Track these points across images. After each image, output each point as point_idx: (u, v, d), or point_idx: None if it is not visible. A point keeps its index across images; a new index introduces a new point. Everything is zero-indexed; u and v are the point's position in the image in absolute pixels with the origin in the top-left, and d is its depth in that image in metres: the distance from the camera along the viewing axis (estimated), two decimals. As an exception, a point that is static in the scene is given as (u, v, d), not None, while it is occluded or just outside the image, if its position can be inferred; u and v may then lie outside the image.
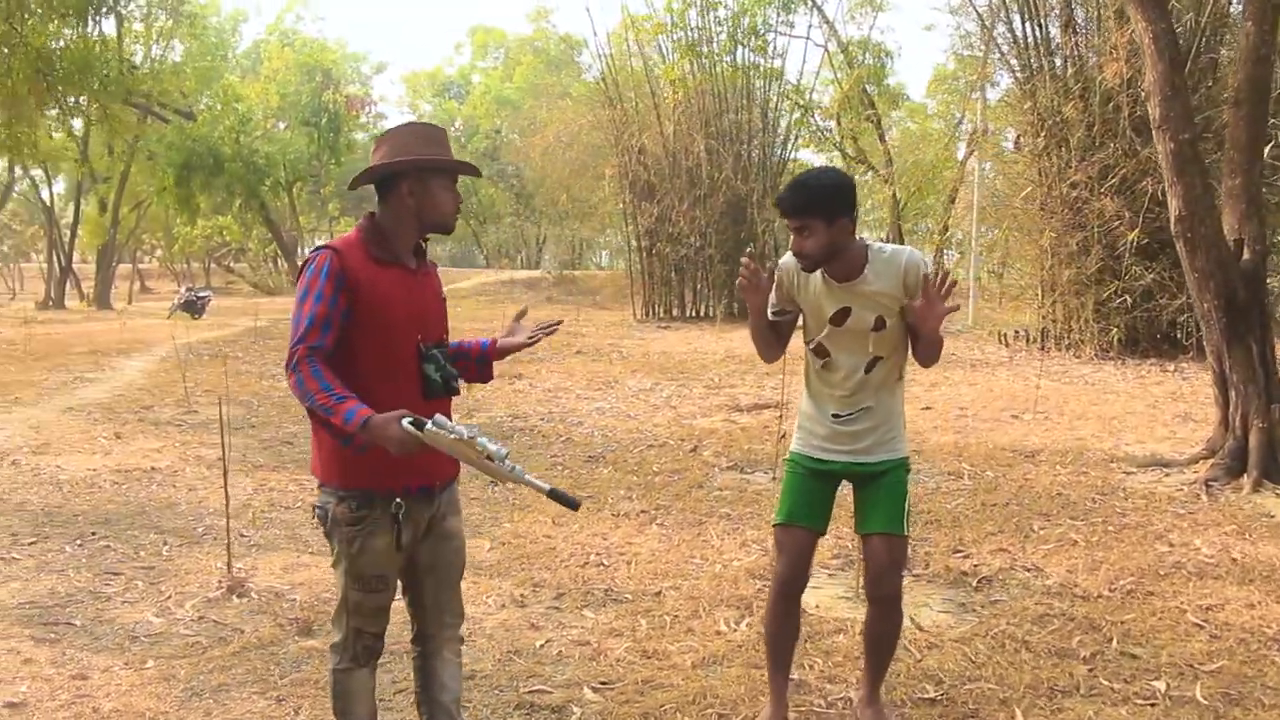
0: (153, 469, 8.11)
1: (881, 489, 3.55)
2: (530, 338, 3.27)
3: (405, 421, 2.71)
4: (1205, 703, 3.84)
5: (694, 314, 28.14)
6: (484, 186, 46.70)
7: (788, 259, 3.52)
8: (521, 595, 5.11)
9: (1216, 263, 7.35)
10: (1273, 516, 6.68)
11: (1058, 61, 16.46)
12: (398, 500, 2.91)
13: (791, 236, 3.37)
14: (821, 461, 3.59)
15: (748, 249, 3.40)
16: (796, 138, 27.64)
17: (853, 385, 3.50)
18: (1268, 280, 9.17)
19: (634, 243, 29.25)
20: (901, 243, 26.65)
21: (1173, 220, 7.49)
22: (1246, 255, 7.50)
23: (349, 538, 2.94)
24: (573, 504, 2.85)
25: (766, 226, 26.91)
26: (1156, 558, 5.68)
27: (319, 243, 36.76)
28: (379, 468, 2.88)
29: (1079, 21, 16.20)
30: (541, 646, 4.44)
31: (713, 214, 26.32)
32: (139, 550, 5.92)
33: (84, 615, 4.87)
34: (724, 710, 3.75)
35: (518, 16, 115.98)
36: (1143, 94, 14.03)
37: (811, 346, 3.59)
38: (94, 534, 6.25)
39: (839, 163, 28.72)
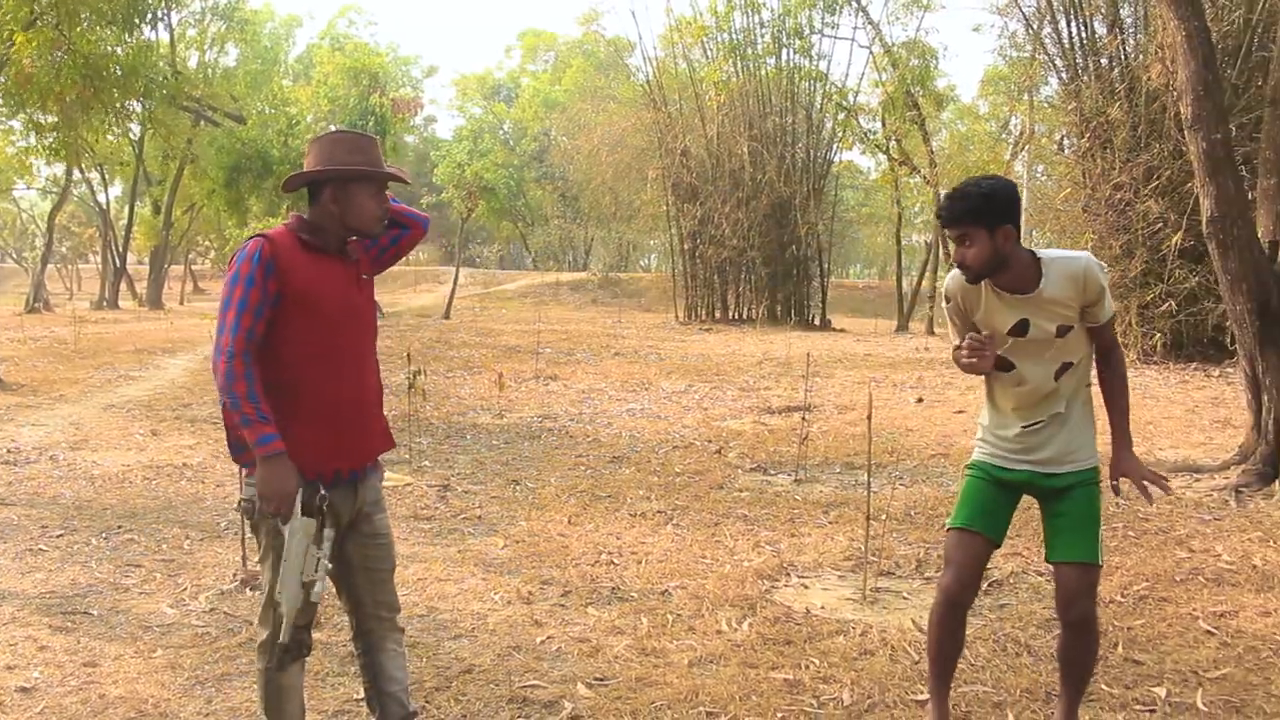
0: (184, 465, 8.27)
1: (1069, 511, 3.38)
2: None
3: (301, 495, 2.88)
4: (1205, 710, 3.77)
5: (736, 317, 28.13)
6: (531, 189, 47.01)
7: (952, 277, 3.44)
8: (529, 592, 5.14)
9: (1250, 265, 7.21)
10: (1301, 524, 6.54)
11: (1103, 61, 16.22)
12: (322, 493, 2.96)
13: (953, 247, 3.33)
14: (1005, 470, 3.45)
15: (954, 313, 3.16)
16: (840, 140, 27.51)
17: (1043, 394, 3.38)
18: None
19: (677, 245, 29.30)
20: (944, 247, 26.42)
21: (1205, 221, 7.35)
22: (1280, 258, 7.34)
23: (272, 530, 2.98)
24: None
25: (810, 229, 26.83)
26: (1174, 564, 5.58)
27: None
28: (312, 455, 2.96)
29: (1125, 21, 15.95)
30: (541, 643, 4.46)
31: (755, 216, 26.30)
32: (161, 544, 6.04)
33: (101, 605, 4.98)
34: (713, 709, 3.75)
35: (568, 20, 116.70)
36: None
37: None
38: (120, 527, 6.38)
39: (884, 165, 28.55)
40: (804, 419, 9.42)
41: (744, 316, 28.03)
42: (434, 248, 57.48)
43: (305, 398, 2.99)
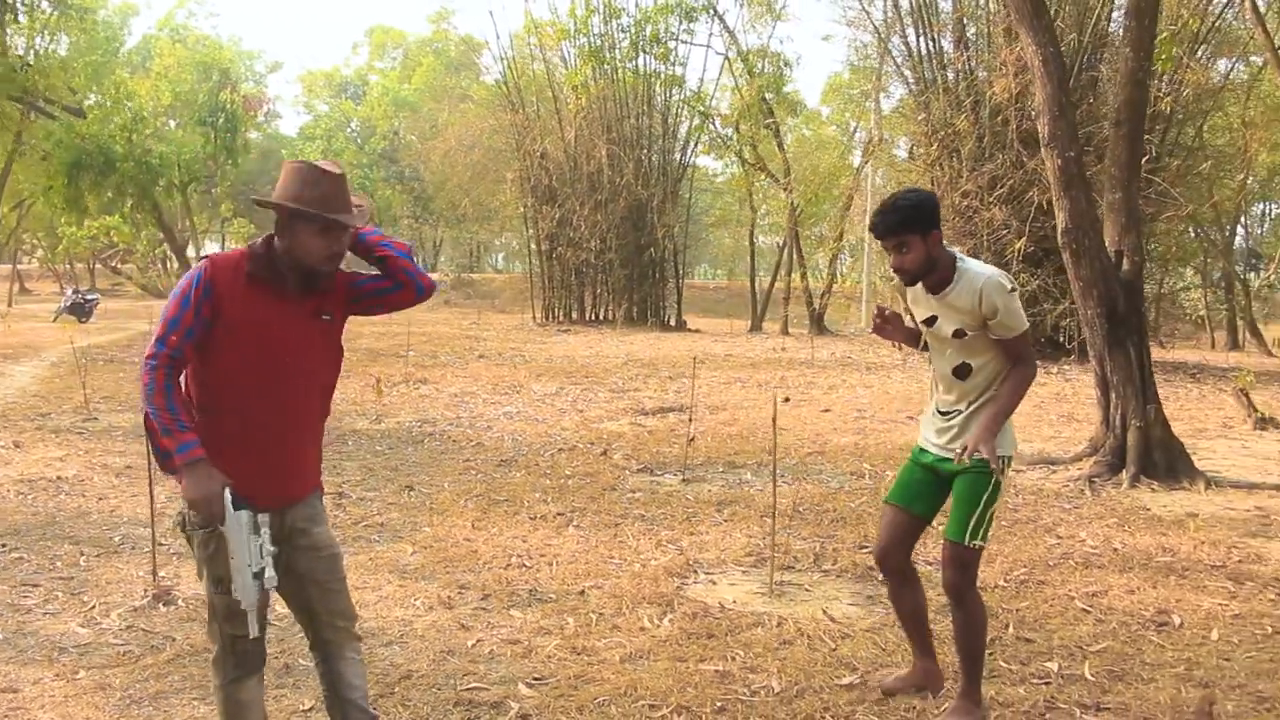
0: (59, 478, 7.95)
1: (955, 493, 3.75)
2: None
3: (228, 493, 2.88)
4: (1093, 680, 4.17)
5: (593, 318, 28.36)
6: (380, 189, 46.20)
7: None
8: (449, 597, 5.22)
9: (1099, 273, 7.83)
10: (1148, 510, 7.17)
11: (950, 75, 17.12)
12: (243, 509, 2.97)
13: (890, 256, 3.67)
14: (923, 451, 3.87)
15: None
16: (696, 144, 28.10)
17: (946, 386, 3.78)
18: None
19: (534, 246, 29.34)
20: (797, 249, 27.32)
21: (1059, 232, 7.95)
22: (1126, 266, 8.01)
23: (203, 540, 3.00)
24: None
25: (666, 231, 27.29)
26: (1046, 549, 6.07)
27: (210, 244, 35.71)
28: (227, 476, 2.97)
29: (970, 37, 16.88)
30: (473, 645, 4.56)
31: (613, 218, 26.58)
32: (55, 561, 5.84)
33: (4, 628, 4.81)
34: (654, 701, 3.94)
35: (417, 17, 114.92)
36: (1030, 110, 14.75)
37: (921, 345, 3.94)
38: (3, 545, 6.13)
39: (737, 169, 29.26)
40: (689, 420, 9.70)
41: (601, 318, 28.29)
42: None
43: (224, 427, 2.98)
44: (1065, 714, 3.87)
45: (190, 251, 32.23)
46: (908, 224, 3.59)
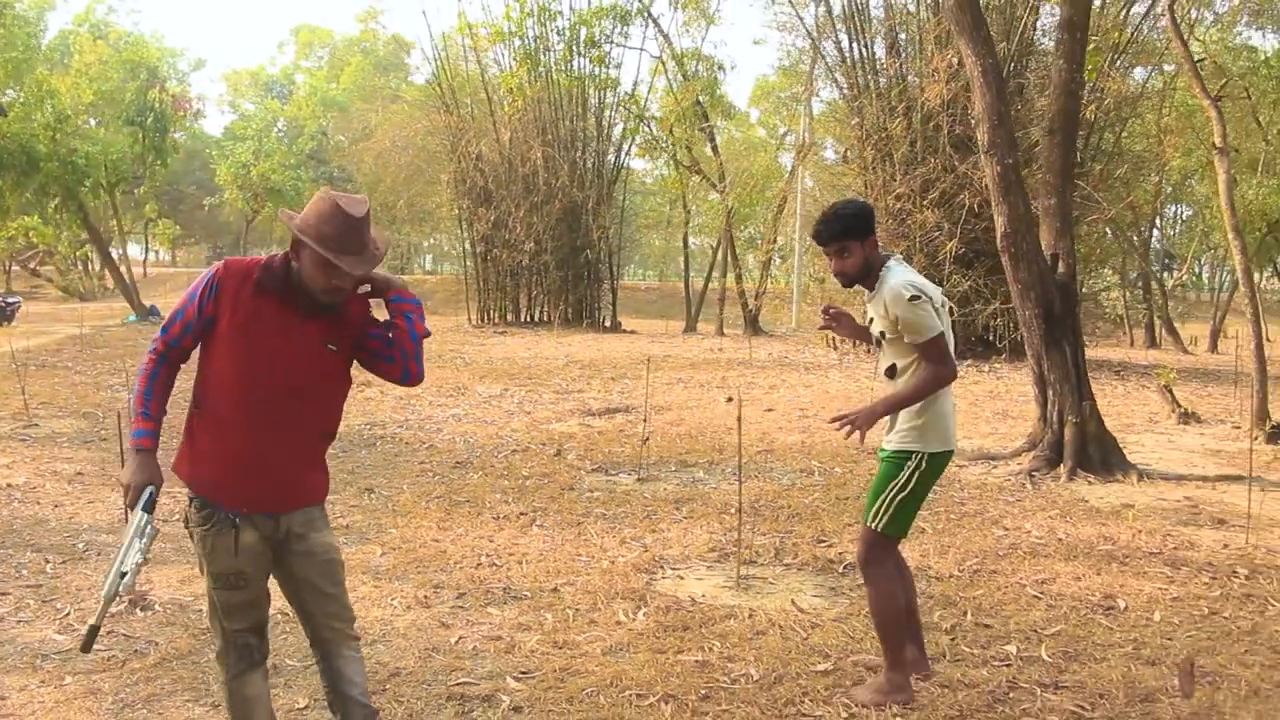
0: (9, 485, 7.84)
1: (875, 479, 4.06)
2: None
3: (148, 492, 2.99)
4: (1050, 660, 4.43)
5: (528, 319, 28.39)
6: (309, 189, 45.62)
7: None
8: (425, 596, 5.31)
9: (1037, 275, 8.17)
10: (1087, 501, 7.52)
11: (882, 80, 17.53)
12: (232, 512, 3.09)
13: (831, 261, 4.01)
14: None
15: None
16: (631, 146, 28.29)
17: (886, 385, 4.04)
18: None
19: (470, 248, 29.27)
20: (729, 250, 27.66)
21: (999, 236, 8.27)
22: (1061, 268, 8.36)
23: (201, 537, 3.11)
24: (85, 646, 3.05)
25: (602, 233, 27.43)
26: (995, 540, 6.35)
27: (131, 245, 34.55)
28: (207, 483, 3.10)
29: (902, 44, 17.30)
30: (456, 643, 4.67)
31: (549, 220, 26.62)
32: (20, 569, 5.80)
33: (-21, 635, 4.81)
34: (640, 691, 4.09)
35: (343, 17, 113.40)
36: (961, 116, 15.21)
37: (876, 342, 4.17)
38: (-38, 554, 6.07)
39: (670, 171, 29.52)
40: (644, 421, 9.86)
41: (536, 319, 28.33)
42: (204, 249, 54.82)
43: (211, 425, 3.08)
44: (1027, 693, 4.11)
45: (116, 253, 31.50)
46: (849, 232, 3.92)
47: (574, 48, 24.75)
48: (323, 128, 46.59)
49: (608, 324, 28.29)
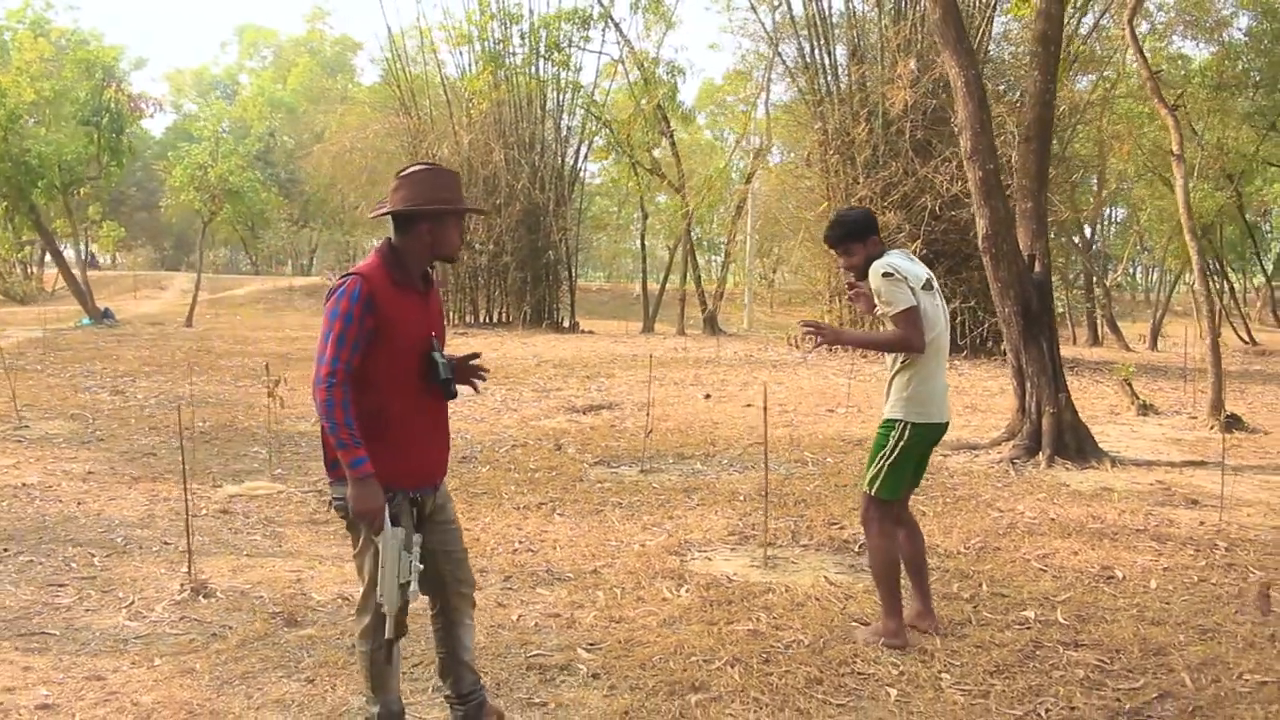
0: (24, 485, 7.97)
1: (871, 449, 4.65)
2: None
3: (388, 511, 3.30)
4: (1066, 623, 4.88)
5: (488, 321, 28.58)
6: (259, 191, 45.28)
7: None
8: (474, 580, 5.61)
9: (1015, 275, 8.68)
10: (1068, 486, 8.04)
11: (844, 85, 18.07)
12: (413, 495, 3.44)
13: (840, 259, 4.77)
14: None
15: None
16: (590, 149, 28.61)
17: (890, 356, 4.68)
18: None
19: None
20: (689, 252, 28.13)
21: (980, 238, 8.76)
22: (1037, 269, 8.87)
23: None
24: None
25: (562, 235, 27.73)
26: (993, 521, 6.83)
27: (71, 245, 33.82)
28: (399, 473, 3.40)
29: (863, 50, 17.86)
30: (518, 620, 5.00)
31: (509, 222, 26.85)
32: (68, 563, 5.99)
33: (54, 625, 4.99)
34: (705, 656, 4.46)
35: (288, 16, 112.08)
36: (922, 120, 15.78)
37: None
38: (6, 550, 6.24)
39: (624, 173, 29.90)
40: (647, 416, 10.21)
41: (495, 320, 28.53)
42: (150, 251, 54.07)
43: (391, 423, 3.39)
44: (1051, 650, 4.55)
45: (69, 255, 31.09)
46: (851, 235, 4.66)
47: (537, 50, 25.01)
48: (270, 129, 46.28)
49: (566, 325, 28.58)
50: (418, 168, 3.56)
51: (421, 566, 3.37)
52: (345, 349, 3.29)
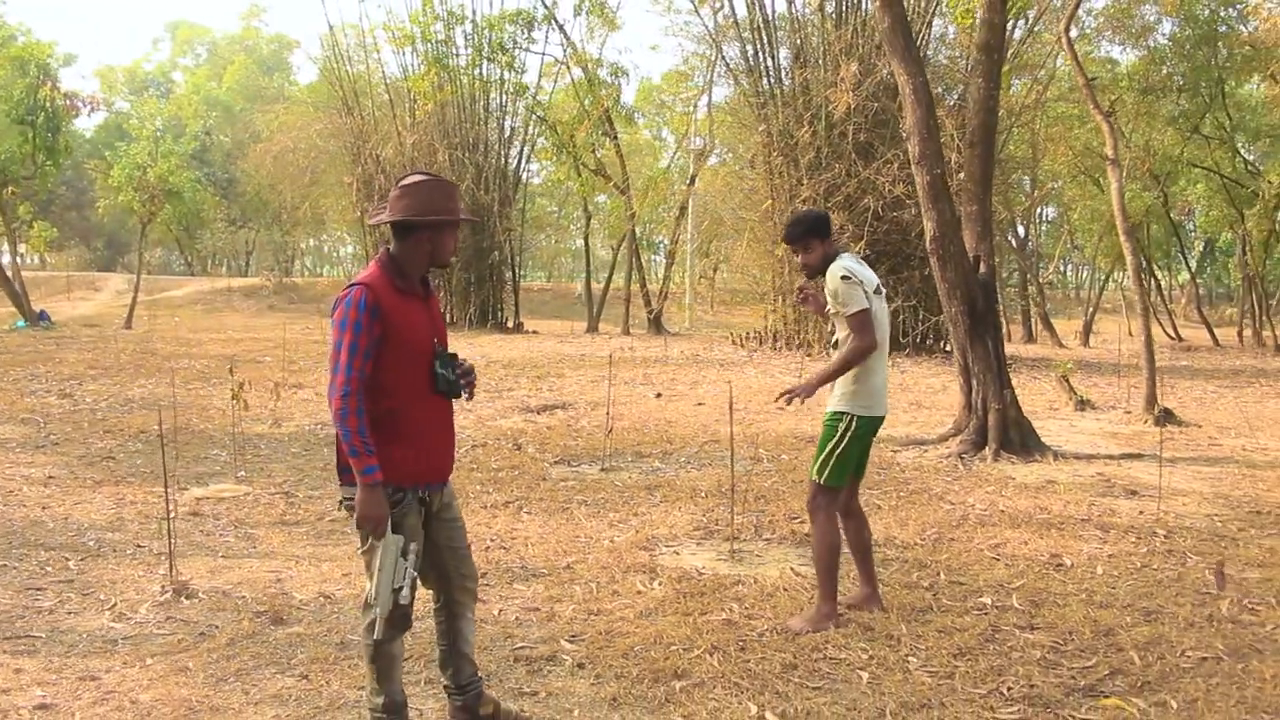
0: (-17, 490, 7.94)
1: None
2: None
3: (392, 518, 3.47)
4: (1020, 608, 5.16)
5: (434, 321, 28.59)
6: (195, 191, 44.63)
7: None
8: (451, 576, 5.75)
9: (962, 275, 9.00)
10: (1014, 479, 8.37)
11: (787, 88, 18.39)
12: (422, 495, 3.61)
13: (798, 256, 5.01)
14: None
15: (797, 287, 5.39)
16: (533, 150, 28.69)
17: (832, 353, 4.95)
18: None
19: (372, 251, 29.24)
20: (634, 252, 28.34)
21: (928, 240, 9.07)
22: (982, 269, 9.21)
23: (394, 522, 3.55)
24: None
25: (506, 236, 27.79)
26: (945, 513, 7.12)
27: (3, 246, 33.01)
28: (414, 471, 3.58)
29: (807, 53, 18.19)
30: (499, 614, 5.15)
31: (455, 222, 26.85)
32: (43, 567, 6.00)
33: (38, 628, 5.02)
34: (684, 645, 4.65)
35: (222, 14, 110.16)
36: (865, 123, 16.15)
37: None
38: (-26, 555, 6.24)
39: (576, 176, 30.02)
40: (608, 414, 10.37)
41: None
42: (82, 251, 52.91)
43: (404, 423, 3.54)
44: (1008, 634, 4.82)
45: (4, 259, 30.42)
46: (810, 233, 4.96)
47: (482, 51, 25.03)
48: (206, 127, 45.59)
49: (510, 325, 28.66)
50: (420, 178, 3.67)
51: (415, 574, 3.53)
52: (358, 357, 3.42)
